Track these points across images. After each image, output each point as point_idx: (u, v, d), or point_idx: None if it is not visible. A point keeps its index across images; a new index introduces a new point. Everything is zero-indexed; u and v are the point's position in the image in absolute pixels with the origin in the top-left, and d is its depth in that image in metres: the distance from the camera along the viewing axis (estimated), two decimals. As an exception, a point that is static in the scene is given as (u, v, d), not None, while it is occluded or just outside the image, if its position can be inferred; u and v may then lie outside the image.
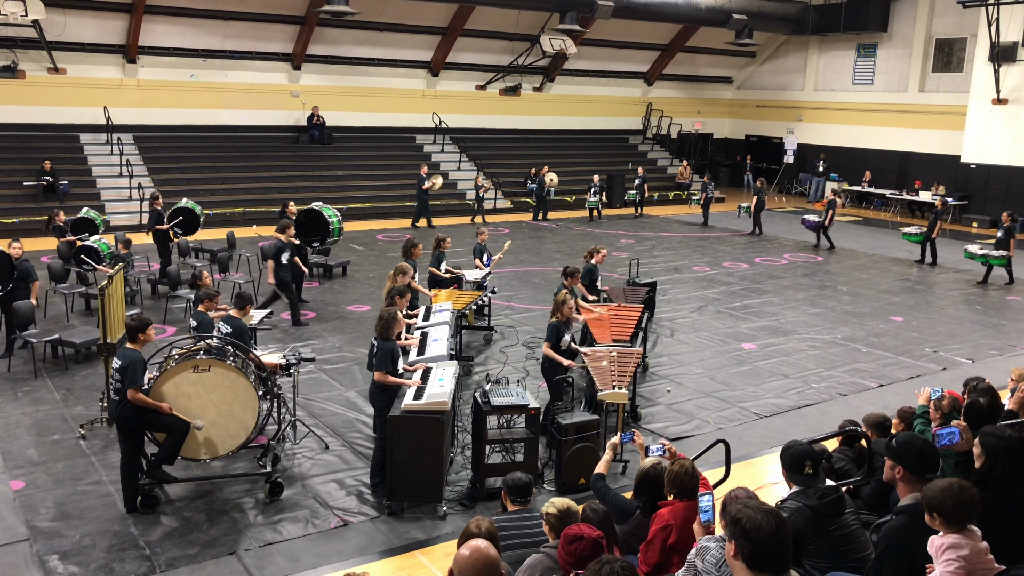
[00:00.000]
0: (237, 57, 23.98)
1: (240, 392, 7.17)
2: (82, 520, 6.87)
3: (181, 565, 6.27)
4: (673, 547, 4.69)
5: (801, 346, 12.33)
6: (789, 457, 4.64)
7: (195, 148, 23.48)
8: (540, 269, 17.02)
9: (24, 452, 8.08)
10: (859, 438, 6.21)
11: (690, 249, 19.90)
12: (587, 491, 6.87)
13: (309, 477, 7.76)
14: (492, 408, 7.34)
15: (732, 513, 3.25)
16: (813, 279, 16.98)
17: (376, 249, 18.82)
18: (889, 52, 28.51)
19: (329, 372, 10.58)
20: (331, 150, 25.08)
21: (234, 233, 16.61)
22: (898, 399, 9.49)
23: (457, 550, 3.59)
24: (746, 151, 33.30)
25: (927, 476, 4.32)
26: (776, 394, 10.31)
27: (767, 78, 33.14)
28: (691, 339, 12.53)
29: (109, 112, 22.06)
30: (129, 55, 22.39)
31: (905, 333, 13.20)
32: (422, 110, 27.05)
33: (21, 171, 20.22)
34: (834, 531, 4.45)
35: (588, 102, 30.43)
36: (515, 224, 22.62)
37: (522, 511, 5.08)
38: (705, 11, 26.94)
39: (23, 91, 21.29)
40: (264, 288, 14.51)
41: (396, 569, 6.33)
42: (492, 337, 12.21)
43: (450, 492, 7.44)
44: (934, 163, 26.84)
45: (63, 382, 10.01)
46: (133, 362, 6.81)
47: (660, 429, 9.07)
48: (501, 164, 26.71)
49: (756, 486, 7.14)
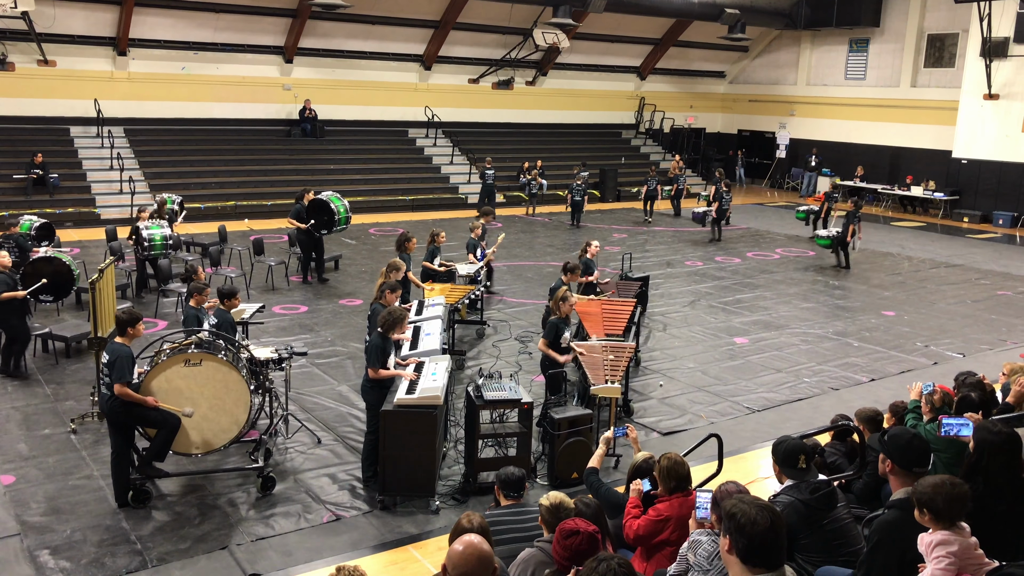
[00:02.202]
0: (228, 50, 23.87)
1: (232, 386, 7.14)
2: (73, 515, 6.84)
3: (173, 560, 6.25)
4: (667, 541, 4.70)
5: (793, 340, 12.36)
6: (783, 451, 4.66)
7: (186, 141, 23.38)
8: (533, 263, 17.01)
9: (14, 446, 8.05)
10: (851, 432, 6.23)
11: (682, 244, 19.92)
12: (580, 485, 6.88)
13: (301, 472, 7.75)
14: (485, 402, 7.33)
15: (727, 508, 3.26)
16: (805, 274, 17.02)
17: (368, 243, 18.78)
18: (881, 47, 28.56)
19: (321, 366, 10.56)
20: (323, 143, 25.01)
21: (226, 227, 16.56)
22: (890, 394, 9.53)
23: (449, 545, 3.59)
24: (738, 145, 33.34)
25: (915, 470, 4.34)
26: (768, 388, 10.34)
27: (759, 73, 33.17)
28: (683, 333, 12.55)
29: (100, 105, 21.94)
30: (120, 47, 22.26)
31: (896, 328, 13.25)
32: (415, 103, 26.99)
33: (11, 164, 20.10)
34: (827, 525, 4.48)
35: (581, 96, 30.40)
36: (508, 219, 22.60)
37: (515, 506, 5.08)
38: (698, 5, 26.95)
39: (13, 83, 21.15)
40: (256, 282, 14.49)
41: (389, 563, 6.32)
42: (485, 331, 12.20)
43: (443, 486, 7.44)
44: (926, 158, 26.91)
45: (53, 376, 9.96)
46: (120, 357, 6.78)
47: (653, 423, 9.09)
48: (494, 158, 26.64)
49: (748, 480, 7.17)
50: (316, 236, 14.80)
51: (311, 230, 14.63)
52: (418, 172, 25.70)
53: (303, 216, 14.67)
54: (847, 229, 17.44)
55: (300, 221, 14.67)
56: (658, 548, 4.77)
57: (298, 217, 14.72)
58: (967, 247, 20.88)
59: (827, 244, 18.04)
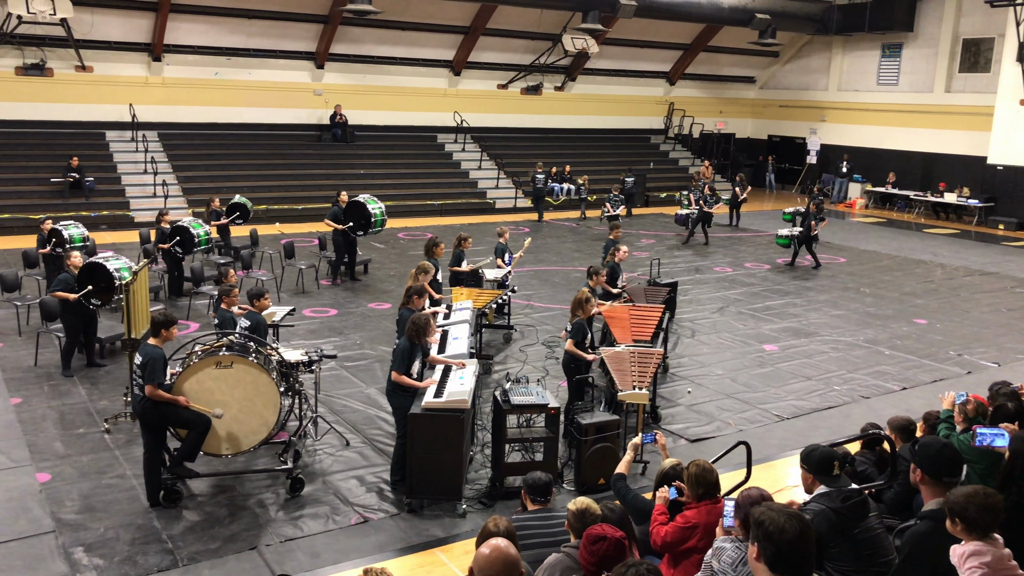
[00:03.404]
0: (261, 55, 24.14)
1: (262, 388, 7.22)
2: (106, 513, 6.95)
3: (203, 559, 6.33)
4: (695, 549, 4.68)
5: (823, 348, 12.25)
6: (817, 458, 4.61)
7: (219, 146, 23.68)
8: (560, 268, 17.01)
9: (51, 445, 8.19)
10: (881, 441, 6.16)
11: (712, 248, 19.81)
12: (607, 491, 6.87)
13: (330, 473, 7.80)
14: (512, 407, 7.34)
15: (756, 515, 3.24)
16: (836, 281, 16.86)
17: (397, 247, 18.88)
18: (915, 52, 28.22)
19: (350, 369, 10.63)
20: (353, 148, 25.20)
21: (257, 231, 16.73)
22: (921, 403, 9.41)
23: (476, 549, 3.60)
24: (768, 151, 33.10)
25: (945, 480, 4.29)
26: (798, 396, 10.25)
27: (790, 78, 32.92)
28: (712, 340, 12.48)
29: (134, 109, 22.29)
30: (155, 53, 22.60)
31: (929, 336, 13.07)
32: (443, 109, 27.11)
33: (49, 168, 20.46)
34: (858, 534, 4.42)
35: (609, 101, 30.36)
36: (535, 223, 22.61)
37: (542, 510, 5.08)
38: (728, 10, 26.80)
39: (51, 89, 21.57)
40: (287, 285, 14.64)
41: (415, 566, 6.35)
42: (512, 336, 12.22)
43: (470, 490, 7.45)
44: (960, 164, 26.54)
45: (88, 376, 10.13)
46: (153, 359, 6.88)
47: (680, 430, 9.04)
48: (523, 163, 26.70)
49: (776, 488, 7.11)
50: (352, 237, 15.08)
51: (348, 231, 14.85)
52: (446, 177, 25.80)
53: (340, 218, 14.91)
54: (808, 228, 17.58)
55: (337, 222, 14.91)
56: (685, 555, 4.74)
57: (335, 219, 14.98)
58: (1002, 255, 20.55)
59: (786, 243, 18.42)
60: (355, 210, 14.88)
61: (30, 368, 10.31)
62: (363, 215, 14.83)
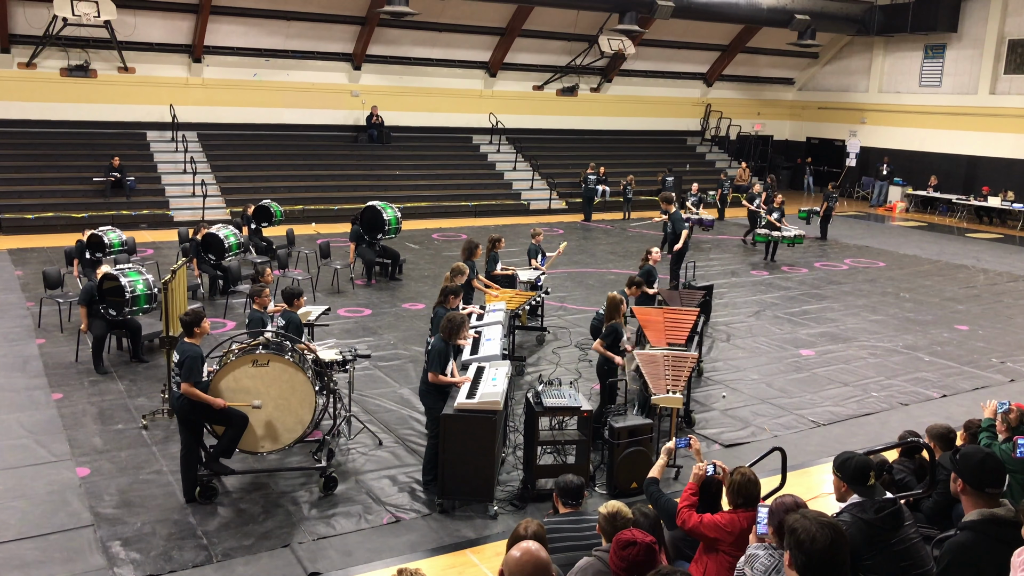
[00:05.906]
0: (299, 57, 24.39)
1: (297, 387, 7.29)
2: (143, 508, 7.06)
3: (237, 556, 6.40)
4: (723, 548, 4.65)
5: (861, 353, 12.07)
6: (853, 467, 4.52)
7: (257, 146, 23.95)
8: (594, 270, 16.95)
9: (90, 440, 8.34)
10: (919, 449, 6.05)
11: (749, 253, 19.62)
12: (639, 495, 6.83)
13: (363, 473, 7.85)
14: (544, 409, 7.33)
15: (789, 523, 3.21)
16: (874, 285, 16.61)
17: (432, 248, 18.96)
18: (958, 53, 27.71)
19: (384, 369, 10.69)
20: (389, 149, 25.35)
21: (293, 230, 16.90)
22: (962, 411, 9.24)
23: (507, 551, 3.60)
24: (807, 153, 32.71)
25: (988, 491, 4.19)
26: (834, 402, 10.11)
27: (830, 79, 32.50)
28: (748, 344, 12.35)
29: (175, 110, 22.64)
30: (195, 55, 22.93)
31: (970, 342, 12.82)
32: (479, 110, 27.16)
33: (91, 167, 20.85)
34: (894, 545, 4.34)
35: (646, 103, 30.21)
36: (569, 225, 22.57)
37: (573, 513, 5.07)
38: (767, 11, 26.53)
39: (94, 90, 21.98)
40: (322, 285, 14.77)
41: (447, 567, 6.36)
42: (545, 338, 12.20)
43: (501, 492, 7.46)
44: (1004, 167, 26.01)
45: (127, 373, 10.30)
46: (190, 356, 6.97)
47: (714, 435, 8.97)
48: (557, 165, 26.67)
49: (811, 496, 7.03)
50: (377, 247, 15.45)
51: (370, 240, 15.31)
52: (482, 178, 25.86)
53: (360, 235, 15.33)
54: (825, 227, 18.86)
55: (359, 239, 15.36)
56: (713, 548, 4.72)
57: (356, 239, 15.39)
58: (1047, 260, 20.11)
59: (764, 240, 18.90)
60: (370, 216, 15.19)
61: (71, 364, 10.50)
62: (378, 221, 15.21)
